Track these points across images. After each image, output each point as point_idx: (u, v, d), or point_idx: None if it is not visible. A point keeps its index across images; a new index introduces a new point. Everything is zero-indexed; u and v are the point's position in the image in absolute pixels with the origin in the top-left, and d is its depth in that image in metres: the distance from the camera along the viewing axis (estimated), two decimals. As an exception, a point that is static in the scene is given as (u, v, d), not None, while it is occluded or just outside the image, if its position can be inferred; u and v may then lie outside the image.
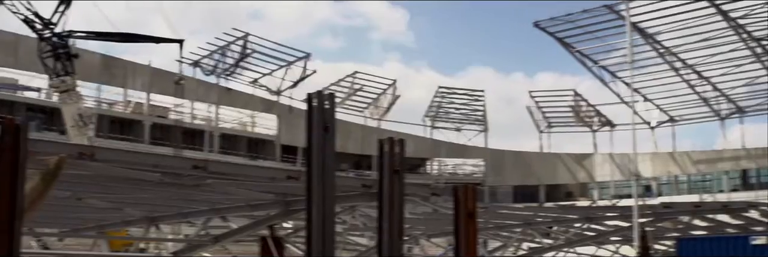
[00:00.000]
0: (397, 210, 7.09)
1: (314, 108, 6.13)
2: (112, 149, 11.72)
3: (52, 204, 14.11)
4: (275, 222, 16.79)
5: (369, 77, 75.33)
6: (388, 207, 7.13)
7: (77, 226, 21.11)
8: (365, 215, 21.04)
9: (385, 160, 7.10)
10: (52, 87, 44.52)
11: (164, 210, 18.64)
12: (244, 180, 13.01)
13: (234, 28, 67.27)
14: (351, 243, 25.85)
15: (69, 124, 42.00)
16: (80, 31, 43.28)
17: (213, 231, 20.52)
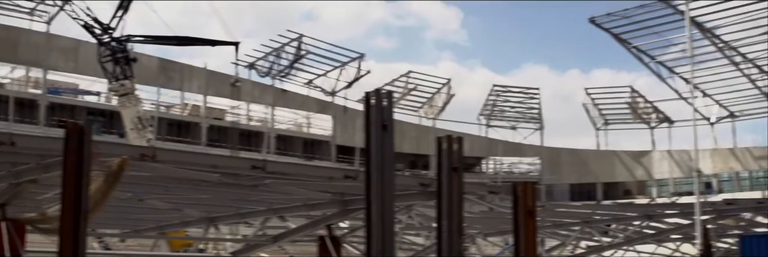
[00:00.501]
0: (457, 208, 7.08)
1: (372, 107, 6.14)
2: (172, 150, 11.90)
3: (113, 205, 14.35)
4: (333, 222, 16.85)
5: (423, 76, 75.26)
6: (447, 204, 7.11)
7: (138, 227, 21.43)
8: (421, 214, 21.02)
9: (444, 157, 7.09)
10: (112, 91, 45.32)
11: (223, 211, 18.85)
12: (301, 180, 13.10)
13: (288, 30, 67.75)
14: (407, 242, 25.85)
15: (128, 127, 42.72)
16: (138, 36, 44.00)
17: (270, 231, 20.67)
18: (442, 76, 77.24)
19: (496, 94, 77.28)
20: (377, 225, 6.76)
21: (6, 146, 9.41)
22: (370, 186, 6.54)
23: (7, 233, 12.19)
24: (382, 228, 6.87)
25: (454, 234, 7.21)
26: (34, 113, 54.36)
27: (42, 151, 10.57)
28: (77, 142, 6.91)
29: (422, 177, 18.13)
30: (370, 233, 7.01)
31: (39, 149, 10.59)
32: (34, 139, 11.92)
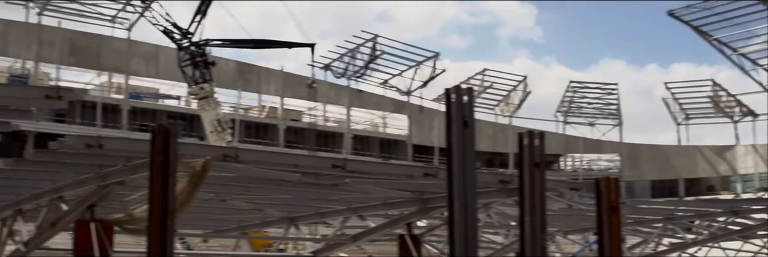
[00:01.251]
0: (539, 203, 7.02)
1: (452, 103, 6.13)
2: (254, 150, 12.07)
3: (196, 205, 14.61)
4: (412, 220, 16.86)
5: (498, 74, 74.86)
6: (530, 200, 7.07)
7: (219, 227, 21.76)
8: (500, 212, 20.88)
9: (525, 153, 7.04)
10: (192, 94, 46.24)
11: (303, 210, 19.01)
12: (381, 178, 13.13)
13: (363, 31, 68.14)
14: (486, 240, 25.72)
15: (208, 129, 43.53)
16: (216, 40, 44.80)
17: (348, 230, 20.77)
18: (517, 73, 76.77)
19: (573, 90, 76.40)
20: (460, 222, 6.74)
21: (94, 148, 9.66)
22: (452, 183, 6.52)
23: (96, 234, 12.50)
24: (465, 226, 6.85)
25: (537, 231, 7.16)
26: (117, 117, 55.72)
27: (128, 153, 10.81)
28: (163, 143, 7.07)
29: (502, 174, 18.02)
30: (452, 231, 6.99)
31: (125, 151, 10.83)
32: (120, 141, 12.21)
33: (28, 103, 8.90)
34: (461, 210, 6.65)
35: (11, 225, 16.14)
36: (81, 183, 12.65)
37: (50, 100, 8.01)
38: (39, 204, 14.88)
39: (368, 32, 67.96)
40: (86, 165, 12.07)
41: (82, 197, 12.75)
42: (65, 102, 8.40)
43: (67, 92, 8.28)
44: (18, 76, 53.49)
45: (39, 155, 11.76)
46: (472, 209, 6.63)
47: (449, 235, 7.11)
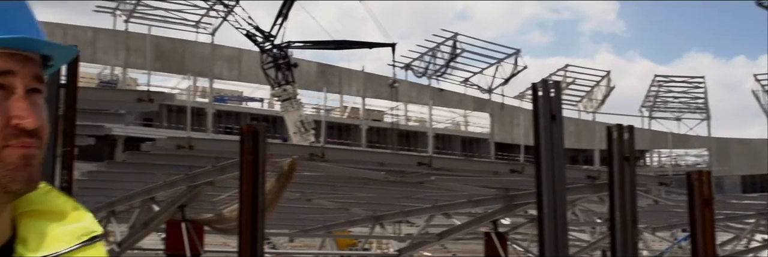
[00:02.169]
0: (630, 198, 6.91)
1: (539, 97, 6.07)
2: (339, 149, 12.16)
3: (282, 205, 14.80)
4: (498, 218, 16.79)
5: (581, 69, 73.85)
6: (620, 195, 6.95)
7: (305, 227, 22.00)
8: (585, 209, 20.64)
9: (614, 147, 6.94)
10: (275, 96, 46.82)
11: (388, 209, 19.10)
12: (466, 175, 13.12)
13: (443, 29, 67.98)
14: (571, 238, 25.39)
15: (291, 130, 44.00)
16: (298, 42, 45.28)
17: (432, 229, 20.79)
18: (600, 68, 75.64)
19: (658, 84, 74.90)
20: (549, 218, 6.67)
21: (184, 149, 9.88)
22: (540, 178, 6.45)
23: (187, 233, 12.76)
24: (555, 222, 6.77)
25: (627, 226, 7.05)
26: (202, 120, 56.77)
27: (217, 154, 11.03)
28: (252, 143, 7.19)
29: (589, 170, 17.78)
30: (542, 227, 6.92)
31: (214, 152, 11.06)
32: (210, 142, 12.46)
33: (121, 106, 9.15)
34: (550, 205, 6.57)
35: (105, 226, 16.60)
36: (171, 184, 12.94)
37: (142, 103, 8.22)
38: (131, 205, 15.27)
39: (448, 31, 67.84)
40: (176, 167, 12.34)
41: (172, 197, 13.05)
42: (156, 105, 8.61)
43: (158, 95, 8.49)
44: (107, 82, 55.00)
45: (131, 157, 12.09)
46: (561, 204, 6.55)
47: (539, 232, 7.04)
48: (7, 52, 1.32)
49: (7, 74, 1.32)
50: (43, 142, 1.35)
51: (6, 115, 1.31)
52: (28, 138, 1.32)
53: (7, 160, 1.31)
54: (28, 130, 1.32)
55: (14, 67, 1.33)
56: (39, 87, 1.37)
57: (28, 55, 1.35)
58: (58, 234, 1.39)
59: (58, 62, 1.43)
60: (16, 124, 1.31)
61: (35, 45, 1.35)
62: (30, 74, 1.35)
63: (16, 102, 1.32)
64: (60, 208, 1.44)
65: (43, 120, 1.35)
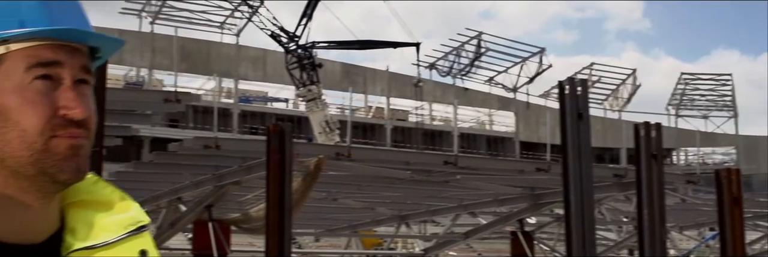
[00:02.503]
0: (658, 196, 6.87)
1: (566, 95, 6.04)
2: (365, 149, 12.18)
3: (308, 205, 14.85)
4: (524, 216, 16.75)
5: (606, 67, 73.48)
6: (647, 193, 6.91)
7: (331, 226, 22.04)
8: (612, 209, 20.54)
9: (642, 145, 6.90)
10: (300, 96, 46.94)
11: (413, 208, 19.10)
12: (492, 174, 13.10)
13: (467, 28, 67.84)
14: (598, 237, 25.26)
15: (316, 130, 44.08)
16: (323, 42, 45.36)
17: (457, 229, 20.77)
18: (626, 67, 75.24)
19: (685, 82, 74.37)
20: (577, 216, 6.64)
21: (211, 149, 9.94)
22: (567, 177, 6.42)
23: (214, 233, 12.83)
24: (582, 221, 6.73)
25: (655, 224, 7.00)
26: (227, 121, 57.01)
27: (243, 154, 11.08)
28: (279, 142, 7.21)
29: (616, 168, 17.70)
30: (569, 226, 6.89)
31: (240, 151, 11.11)
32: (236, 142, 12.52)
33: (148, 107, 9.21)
34: (578, 203, 6.54)
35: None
36: (198, 184, 13.01)
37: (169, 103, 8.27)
38: (158, 205, 15.36)
39: (472, 30, 67.68)
40: (203, 167, 12.41)
41: (199, 197, 13.12)
42: (182, 105, 8.67)
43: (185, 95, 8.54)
44: (133, 83, 55.39)
45: (158, 158, 12.17)
46: (588, 203, 6.52)
47: (566, 231, 7.00)
48: (55, 43, 1.34)
49: (55, 65, 1.34)
50: (91, 133, 1.37)
51: (54, 105, 1.33)
52: (75, 129, 1.34)
53: (55, 150, 1.32)
54: (75, 120, 1.33)
55: (62, 58, 1.34)
56: (87, 78, 1.38)
57: (76, 47, 1.37)
58: (106, 224, 1.41)
59: (106, 54, 1.45)
60: (63, 114, 1.33)
61: (82, 36, 1.36)
62: (77, 64, 1.36)
63: (64, 93, 1.34)
64: (107, 198, 1.46)
65: (91, 111, 1.37)
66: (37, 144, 1.31)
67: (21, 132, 1.31)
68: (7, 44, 1.32)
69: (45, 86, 1.33)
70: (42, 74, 1.33)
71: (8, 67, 1.33)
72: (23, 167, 1.32)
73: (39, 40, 1.33)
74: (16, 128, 1.31)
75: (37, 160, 1.32)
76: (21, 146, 1.31)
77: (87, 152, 1.37)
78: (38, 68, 1.32)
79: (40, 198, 1.36)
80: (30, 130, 1.31)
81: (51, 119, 1.32)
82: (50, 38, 1.33)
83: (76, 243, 1.38)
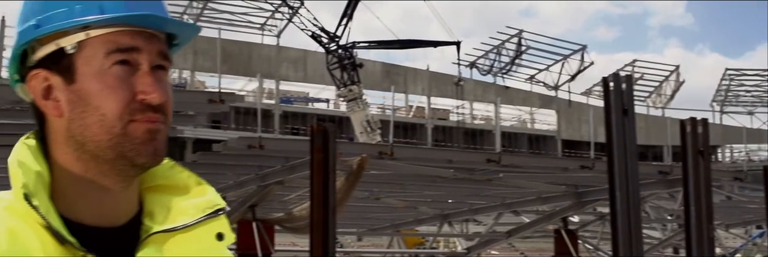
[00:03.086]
0: (705, 193, 6.79)
1: (611, 91, 6.00)
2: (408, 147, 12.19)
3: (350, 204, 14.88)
4: (568, 215, 16.64)
5: (649, 64, 72.78)
6: (694, 190, 6.83)
7: (373, 226, 22.07)
8: (655, 207, 20.33)
9: (688, 141, 6.82)
10: (340, 96, 47.07)
11: (456, 207, 19.06)
12: (535, 172, 13.04)
13: (507, 26, 67.63)
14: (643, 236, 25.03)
15: (358, 130, 44.19)
16: (363, 42, 45.45)
17: (499, 228, 20.69)
18: (669, 63, 74.50)
19: (730, 78, 73.38)
20: (623, 214, 6.57)
21: (255, 149, 10.02)
22: (613, 175, 6.37)
23: (258, 233, 12.91)
24: (629, 219, 6.66)
25: (702, 222, 6.92)
26: (269, 122, 57.35)
27: (286, 154, 11.15)
28: (322, 141, 7.25)
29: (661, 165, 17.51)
30: (615, 224, 6.82)
31: (283, 151, 11.18)
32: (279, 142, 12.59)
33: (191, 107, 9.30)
34: (624, 201, 6.48)
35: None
36: (242, 184, 13.11)
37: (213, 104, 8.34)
38: (203, 206, 15.46)
39: (513, 28, 67.44)
40: (246, 167, 12.50)
41: (243, 197, 13.21)
42: (226, 106, 8.74)
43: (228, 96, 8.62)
44: (176, 85, 55.99)
45: (202, 158, 12.27)
46: (635, 200, 6.46)
47: (612, 229, 6.94)
48: (133, 29, 1.38)
49: (132, 51, 1.37)
50: (168, 117, 1.41)
51: (132, 90, 1.36)
52: (153, 113, 1.37)
53: (134, 134, 1.36)
54: (153, 105, 1.37)
55: (139, 44, 1.38)
56: (164, 64, 1.43)
57: (153, 33, 1.41)
58: (183, 208, 1.45)
59: (183, 41, 1.49)
60: (141, 99, 1.37)
61: (159, 22, 1.40)
62: (155, 50, 1.40)
63: (142, 78, 1.38)
64: (183, 183, 1.50)
65: (168, 96, 1.40)
66: (116, 128, 1.35)
67: (101, 117, 1.35)
68: (88, 31, 1.37)
69: (123, 72, 1.37)
70: (120, 59, 1.37)
71: (88, 53, 1.37)
72: (103, 151, 1.36)
73: (117, 26, 1.37)
74: (96, 113, 1.35)
75: (116, 144, 1.36)
76: (101, 130, 1.35)
77: (164, 137, 1.40)
78: (117, 54, 1.36)
79: (120, 182, 1.40)
80: (109, 114, 1.35)
81: (129, 103, 1.36)
82: (128, 24, 1.37)
83: (155, 226, 1.41)
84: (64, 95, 1.38)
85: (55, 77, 1.39)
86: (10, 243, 1.28)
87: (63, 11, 1.37)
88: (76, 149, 1.38)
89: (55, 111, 1.39)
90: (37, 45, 1.40)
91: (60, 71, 1.39)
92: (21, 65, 1.43)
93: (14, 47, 1.42)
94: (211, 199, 1.47)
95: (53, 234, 1.31)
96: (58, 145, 1.40)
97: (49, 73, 1.40)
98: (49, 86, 1.40)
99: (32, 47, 1.41)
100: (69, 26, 1.36)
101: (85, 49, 1.37)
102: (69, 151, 1.39)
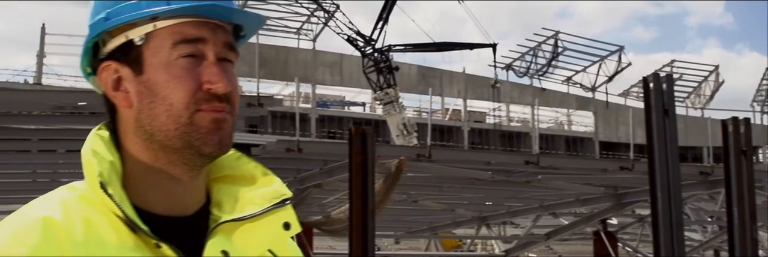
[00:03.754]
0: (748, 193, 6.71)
1: (651, 91, 5.95)
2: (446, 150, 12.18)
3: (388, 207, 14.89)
4: (607, 216, 16.53)
5: (687, 64, 72.05)
6: (737, 190, 6.75)
7: (411, 228, 22.07)
8: (695, 208, 20.12)
9: (730, 140, 6.75)
10: (377, 100, 47.15)
11: (494, 209, 19.01)
12: (574, 174, 12.97)
13: (544, 28, 67.30)
14: (684, 237, 24.75)
15: (394, 133, 44.23)
16: (399, 45, 45.50)
17: (537, 230, 20.59)
18: (708, 63, 73.67)
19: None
20: (665, 216, 6.50)
21: (293, 152, 10.07)
22: (654, 175, 6.31)
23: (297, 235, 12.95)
24: (670, 220, 6.59)
25: (746, 223, 6.84)
26: (305, 125, 57.60)
27: (324, 157, 11.19)
28: (361, 144, 7.28)
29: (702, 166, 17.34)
30: (657, 226, 6.75)
31: (321, 154, 11.23)
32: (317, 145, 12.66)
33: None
34: (665, 203, 6.41)
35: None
36: (280, 187, 13.15)
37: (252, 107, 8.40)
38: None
39: (549, 29, 67.12)
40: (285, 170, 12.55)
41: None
42: (265, 109, 8.80)
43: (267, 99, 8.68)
44: (214, 90, 56.29)
45: (241, 162, 12.34)
46: (676, 201, 6.39)
47: (653, 231, 6.86)
48: (199, 20, 1.41)
49: (199, 42, 1.40)
50: (235, 108, 1.43)
51: (197, 80, 1.39)
52: (219, 103, 1.39)
53: (200, 124, 1.38)
54: (218, 95, 1.39)
55: (205, 34, 1.41)
56: (230, 55, 1.45)
57: (219, 24, 1.43)
58: (251, 197, 1.47)
59: (250, 32, 1.52)
60: (207, 89, 1.39)
61: (225, 13, 1.42)
62: (220, 41, 1.43)
63: (208, 68, 1.40)
64: (250, 173, 1.52)
65: (234, 86, 1.43)
66: (183, 118, 1.38)
67: (168, 106, 1.38)
68: (155, 22, 1.40)
69: (190, 62, 1.40)
70: (187, 50, 1.40)
71: (156, 44, 1.40)
72: (171, 140, 1.39)
73: (184, 17, 1.40)
74: (164, 103, 1.38)
75: (183, 133, 1.38)
76: (168, 120, 1.38)
77: (230, 127, 1.42)
78: (183, 45, 1.40)
79: (188, 171, 1.42)
80: (176, 104, 1.38)
81: (195, 93, 1.38)
82: (195, 15, 1.40)
83: (224, 216, 1.44)
84: (133, 86, 1.42)
85: (125, 68, 1.43)
86: (86, 231, 1.31)
87: (131, 4, 1.41)
88: (145, 139, 1.41)
89: (124, 102, 1.43)
90: (107, 38, 1.44)
91: (129, 63, 1.42)
92: (93, 58, 1.47)
93: (85, 41, 1.46)
94: (278, 189, 1.49)
95: (126, 222, 1.34)
96: (128, 135, 1.43)
97: (119, 64, 1.43)
98: (118, 77, 1.44)
99: (103, 40, 1.44)
100: (137, 18, 1.40)
101: (152, 41, 1.40)
102: (139, 141, 1.42)
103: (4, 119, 10.16)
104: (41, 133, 10.51)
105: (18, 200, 14.13)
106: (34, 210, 1.34)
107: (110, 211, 1.34)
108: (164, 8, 1.38)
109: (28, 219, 1.31)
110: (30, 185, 13.36)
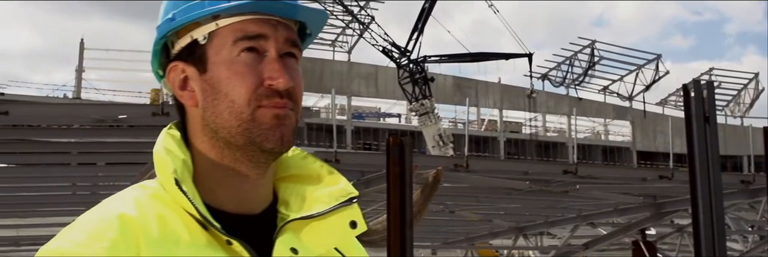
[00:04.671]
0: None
1: (691, 98, 5.89)
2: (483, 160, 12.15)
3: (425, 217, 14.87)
4: (647, 226, 16.38)
5: (726, 72, 71.32)
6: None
7: (447, 239, 22.01)
8: (736, 218, 19.87)
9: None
10: (412, 111, 47.14)
11: (531, 220, 18.92)
12: (612, 183, 12.87)
13: (580, 37, 66.99)
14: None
15: (430, 144, 44.16)
16: (434, 56, 45.52)
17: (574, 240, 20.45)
18: (747, 71, 72.89)
19: (811, 85, 71.49)
20: (706, 226, 6.40)
21: (331, 163, 10.10)
22: (695, 184, 6.22)
23: (335, 247, 12.96)
24: (712, 230, 6.48)
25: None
26: (341, 137, 57.77)
27: (361, 168, 11.22)
28: (399, 154, 7.28)
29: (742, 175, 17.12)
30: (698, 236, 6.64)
31: (358, 165, 11.25)
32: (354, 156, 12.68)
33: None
34: (707, 211, 6.32)
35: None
36: (318, 199, 13.19)
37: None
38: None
39: (585, 38, 66.81)
40: (322, 181, 12.58)
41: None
42: (303, 121, 8.85)
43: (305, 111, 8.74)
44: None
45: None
46: (718, 210, 6.30)
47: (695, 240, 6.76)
48: (260, 17, 1.43)
49: (260, 38, 1.42)
50: (297, 104, 1.45)
51: (259, 77, 1.41)
52: (280, 99, 1.41)
53: (261, 120, 1.40)
54: (280, 91, 1.41)
55: (267, 31, 1.43)
56: (293, 51, 1.47)
57: (281, 20, 1.45)
58: (317, 196, 1.49)
59: (315, 29, 1.53)
60: (269, 85, 1.41)
61: (285, 9, 1.45)
62: (282, 38, 1.45)
63: (269, 64, 1.42)
64: (316, 172, 1.54)
65: (296, 82, 1.44)
66: (245, 114, 1.40)
67: (230, 103, 1.40)
68: (217, 20, 1.43)
69: (251, 59, 1.42)
70: (248, 46, 1.42)
71: (218, 42, 1.43)
72: (234, 137, 1.41)
73: (245, 14, 1.42)
74: (226, 100, 1.41)
75: (245, 130, 1.40)
76: (231, 116, 1.40)
77: (292, 123, 1.44)
78: (244, 41, 1.42)
79: (254, 168, 1.45)
80: (238, 100, 1.40)
81: (256, 89, 1.40)
82: (256, 12, 1.42)
83: (292, 214, 1.46)
84: (198, 84, 1.45)
85: (190, 68, 1.46)
86: (160, 228, 1.34)
87: (195, 3, 1.44)
88: (211, 136, 1.44)
89: (190, 101, 1.46)
90: (175, 39, 1.47)
91: (194, 62, 1.45)
92: (165, 59, 1.50)
93: (154, 43, 1.49)
94: (344, 187, 1.51)
95: (198, 220, 1.37)
96: (196, 134, 1.46)
97: (185, 64, 1.46)
98: (185, 77, 1.47)
99: (171, 42, 1.48)
100: (199, 16, 1.43)
101: (215, 39, 1.43)
102: (206, 139, 1.45)
103: (45, 133, 10.31)
104: (81, 146, 10.65)
105: (58, 212, 14.32)
106: (110, 206, 1.38)
107: (182, 209, 1.38)
108: (224, 6, 1.41)
109: (106, 215, 1.35)
110: (70, 198, 13.52)
